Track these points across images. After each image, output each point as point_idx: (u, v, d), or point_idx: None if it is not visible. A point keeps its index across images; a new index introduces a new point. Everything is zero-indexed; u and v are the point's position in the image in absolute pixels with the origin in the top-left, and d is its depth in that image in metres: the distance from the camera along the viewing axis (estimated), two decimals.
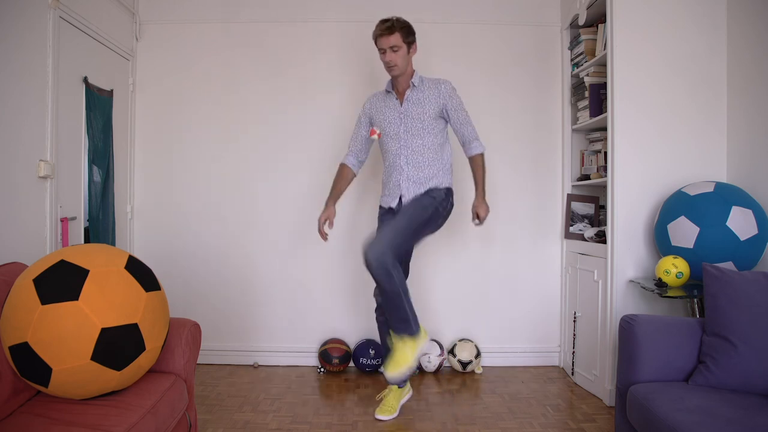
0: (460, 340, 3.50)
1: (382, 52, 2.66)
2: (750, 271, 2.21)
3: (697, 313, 2.53)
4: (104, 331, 1.67)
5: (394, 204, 2.73)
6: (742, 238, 2.36)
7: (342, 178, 2.86)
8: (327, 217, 2.76)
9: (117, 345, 1.71)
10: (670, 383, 1.97)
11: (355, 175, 2.91)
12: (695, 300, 2.53)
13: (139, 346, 1.78)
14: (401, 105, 2.73)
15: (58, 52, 2.64)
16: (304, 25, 3.59)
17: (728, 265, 2.36)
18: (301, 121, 3.59)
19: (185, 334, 2.14)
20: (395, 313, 2.48)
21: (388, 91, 2.80)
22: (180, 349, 2.11)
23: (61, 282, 1.69)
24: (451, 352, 3.46)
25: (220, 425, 2.60)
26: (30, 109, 2.49)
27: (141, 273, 1.87)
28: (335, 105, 3.57)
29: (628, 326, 2.10)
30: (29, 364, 1.66)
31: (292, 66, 3.58)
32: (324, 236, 2.77)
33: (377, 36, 2.66)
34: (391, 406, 2.72)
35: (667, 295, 2.38)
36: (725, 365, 1.91)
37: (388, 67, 2.67)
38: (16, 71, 2.39)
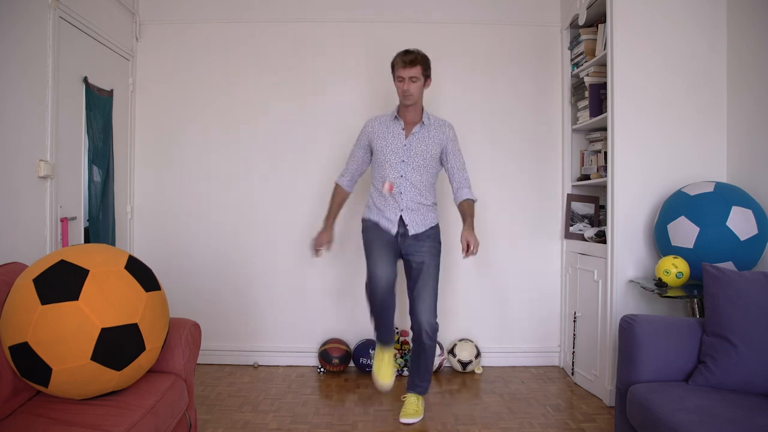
0: (460, 340, 3.50)
1: (401, 80, 2.66)
2: (750, 271, 2.21)
3: (697, 313, 2.53)
4: (104, 331, 1.67)
5: (394, 231, 2.72)
6: (742, 238, 2.36)
7: (339, 199, 2.88)
8: (328, 240, 2.79)
9: (117, 345, 1.71)
10: (670, 383, 1.97)
11: (349, 195, 2.92)
12: (695, 300, 2.53)
13: (139, 346, 1.78)
14: (406, 137, 2.73)
15: (58, 52, 2.64)
16: (305, 25, 3.59)
17: (728, 265, 2.36)
18: (302, 122, 3.59)
19: (185, 334, 2.14)
20: (428, 368, 2.76)
21: (396, 118, 2.77)
22: (180, 349, 2.11)
23: (61, 282, 1.69)
24: (451, 352, 3.46)
25: (220, 425, 2.60)
26: (30, 109, 2.49)
27: (141, 273, 1.87)
28: (337, 106, 3.57)
29: (628, 326, 2.10)
30: (29, 364, 1.66)
31: (292, 67, 3.58)
32: (318, 254, 2.80)
33: (399, 66, 2.65)
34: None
35: (667, 295, 2.38)
36: (725, 365, 1.91)
37: (404, 96, 2.67)
38: (16, 71, 2.39)
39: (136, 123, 3.57)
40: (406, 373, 3.38)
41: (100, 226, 3.01)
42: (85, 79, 2.92)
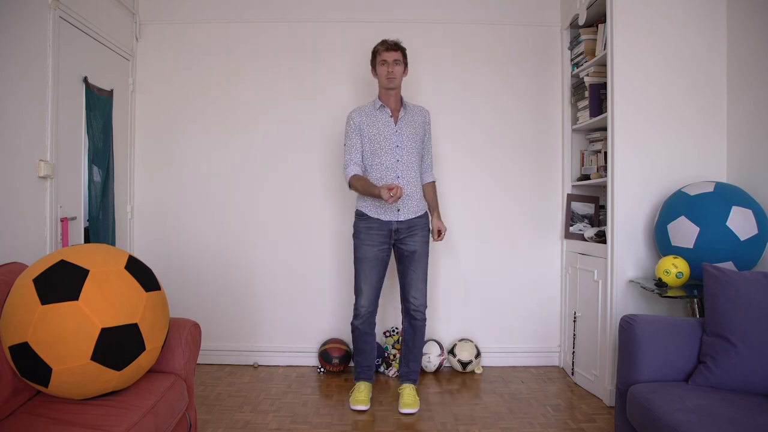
0: (460, 340, 3.50)
1: (384, 63, 2.81)
2: (750, 271, 2.21)
3: (697, 313, 2.53)
4: (104, 331, 1.67)
5: (393, 218, 2.80)
6: (742, 238, 2.36)
7: (364, 179, 2.76)
8: (386, 187, 2.56)
9: (117, 345, 1.71)
10: (670, 383, 1.98)
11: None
12: (695, 300, 2.53)
13: (139, 346, 1.78)
14: (396, 123, 2.84)
15: (58, 52, 2.64)
16: (304, 25, 3.59)
17: (728, 265, 2.36)
18: (302, 121, 3.58)
19: (185, 334, 2.14)
20: (420, 347, 2.94)
21: (382, 106, 2.86)
22: (180, 349, 2.11)
23: (61, 282, 1.69)
24: (451, 352, 3.46)
25: (220, 425, 2.60)
26: (30, 109, 2.49)
27: (141, 273, 1.87)
28: (337, 106, 3.56)
29: (628, 326, 2.10)
30: (29, 364, 1.66)
31: (292, 67, 3.58)
32: (399, 191, 2.54)
33: (385, 50, 2.81)
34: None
35: (667, 295, 2.38)
36: (725, 365, 1.91)
37: (389, 78, 2.80)
38: (16, 71, 2.39)
39: (136, 123, 3.57)
40: None
41: (100, 226, 3.01)
42: (85, 79, 2.92)
